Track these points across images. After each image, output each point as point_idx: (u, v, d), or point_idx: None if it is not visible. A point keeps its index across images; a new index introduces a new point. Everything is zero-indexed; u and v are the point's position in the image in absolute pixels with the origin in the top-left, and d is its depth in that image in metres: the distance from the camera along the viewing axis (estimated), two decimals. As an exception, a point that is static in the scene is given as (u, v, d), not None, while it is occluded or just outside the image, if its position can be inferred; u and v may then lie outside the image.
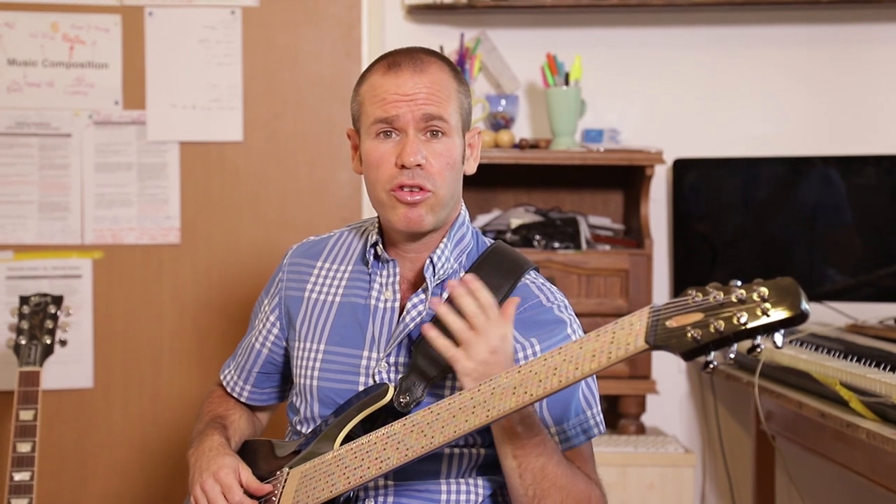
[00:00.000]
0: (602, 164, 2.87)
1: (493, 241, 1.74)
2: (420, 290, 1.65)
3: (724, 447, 3.01)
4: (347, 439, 1.58)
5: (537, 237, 2.85)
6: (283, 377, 1.86)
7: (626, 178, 3.00)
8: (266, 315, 1.81)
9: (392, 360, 1.63)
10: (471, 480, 1.64)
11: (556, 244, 2.85)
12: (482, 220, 2.97)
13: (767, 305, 1.22)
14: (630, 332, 1.31)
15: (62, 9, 2.93)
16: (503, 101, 2.97)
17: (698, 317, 1.25)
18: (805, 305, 1.22)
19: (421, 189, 1.59)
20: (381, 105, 1.60)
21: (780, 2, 2.91)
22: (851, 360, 2.25)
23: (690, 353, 1.26)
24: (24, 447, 2.20)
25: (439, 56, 1.66)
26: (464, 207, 1.72)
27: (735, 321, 1.23)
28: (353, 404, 1.61)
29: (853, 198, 2.91)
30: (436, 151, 1.60)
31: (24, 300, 2.37)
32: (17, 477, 2.17)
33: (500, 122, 2.96)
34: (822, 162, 2.93)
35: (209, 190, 2.98)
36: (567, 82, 2.88)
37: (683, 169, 3.00)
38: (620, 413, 2.88)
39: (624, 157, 2.86)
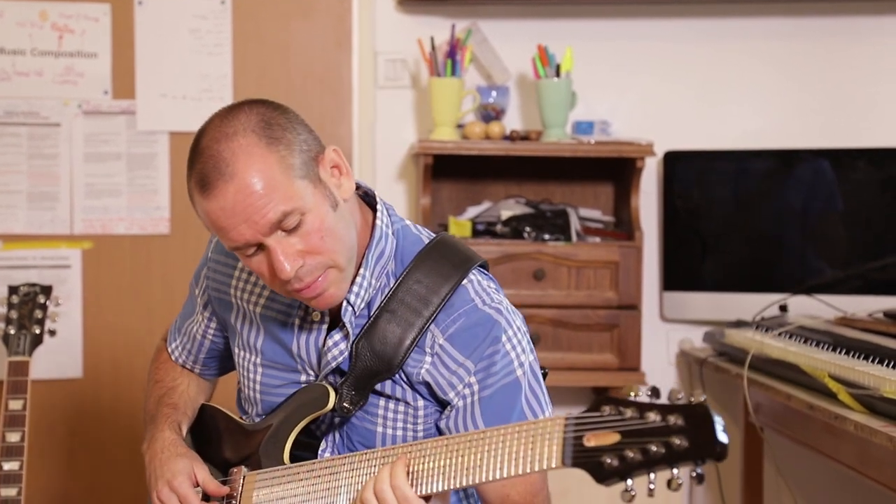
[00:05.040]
0: (593, 156, 2.87)
1: (434, 235, 1.61)
2: (338, 329, 1.54)
3: (712, 439, 3.02)
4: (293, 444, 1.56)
5: (527, 229, 2.85)
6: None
7: (617, 170, 3.00)
8: (199, 307, 1.73)
9: (331, 378, 1.57)
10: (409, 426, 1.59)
11: (547, 236, 2.85)
12: (472, 211, 2.97)
13: (682, 438, 1.14)
14: (549, 443, 1.25)
15: (51, -3, 2.92)
16: (494, 93, 2.97)
17: (615, 438, 1.17)
18: (721, 437, 1.14)
19: (315, 280, 1.45)
20: (223, 235, 1.44)
21: (771, -6, 2.91)
22: (840, 352, 2.26)
23: (606, 480, 1.19)
24: (13, 437, 2.19)
25: (241, 131, 1.43)
26: (381, 210, 1.57)
27: (651, 454, 1.15)
28: (295, 405, 1.57)
29: (843, 191, 2.91)
30: (304, 239, 1.43)
31: (12, 290, 2.36)
32: (7, 466, 2.17)
33: (490, 114, 2.96)
34: (812, 155, 2.94)
35: (199, 180, 2.97)
36: (558, 74, 2.87)
37: (674, 161, 3.00)
38: (610, 405, 2.88)
39: (614, 150, 2.86)
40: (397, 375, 1.54)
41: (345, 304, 1.52)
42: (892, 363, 2.06)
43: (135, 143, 2.96)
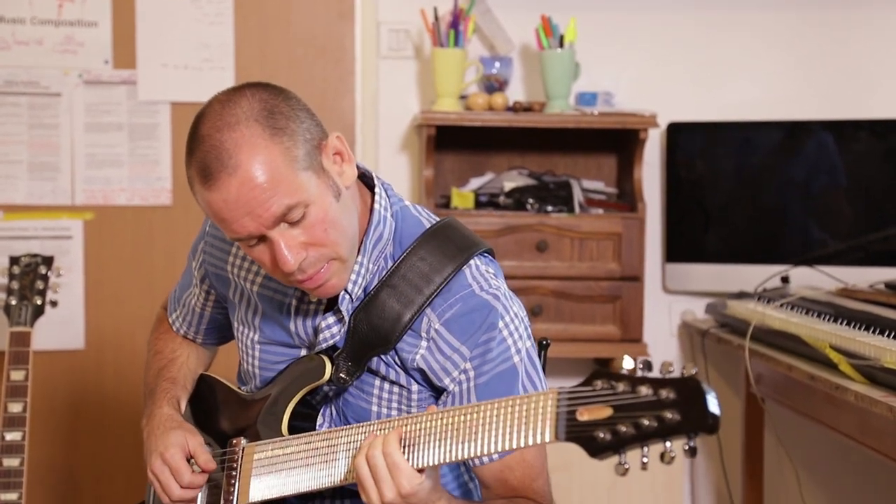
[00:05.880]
0: (596, 127, 2.87)
1: (437, 218, 1.58)
2: (332, 312, 1.53)
3: (714, 410, 3.02)
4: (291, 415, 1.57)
5: (530, 201, 2.85)
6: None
7: (620, 141, 2.99)
8: (196, 281, 1.72)
9: (327, 351, 1.56)
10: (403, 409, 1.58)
11: (550, 208, 2.85)
12: (475, 183, 2.96)
13: (675, 412, 1.14)
14: (542, 418, 1.25)
15: (51, -34, 2.90)
16: (497, 64, 2.95)
17: (607, 412, 1.17)
18: (713, 410, 1.13)
19: (318, 271, 1.44)
20: (225, 226, 1.42)
21: (776, -36, 2.89)
22: (841, 323, 2.26)
23: (599, 454, 1.19)
24: (15, 407, 2.20)
25: (243, 120, 1.39)
26: (379, 192, 1.54)
27: (643, 427, 1.15)
28: (292, 376, 1.57)
29: (846, 162, 2.90)
30: (307, 231, 1.41)
31: (13, 260, 2.36)
32: (9, 437, 2.18)
33: (493, 85, 2.94)
34: (815, 126, 2.93)
35: (201, 151, 2.96)
36: (562, 45, 2.86)
37: (677, 133, 2.99)
38: (611, 376, 2.88)
39: (618, 121, 2.85)
40: (392, 359, 1.53)
41: (343, 293, 1.50)
42: (892, 334, 2.06)
43: (136, 114, 2.95)
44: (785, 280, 2.80)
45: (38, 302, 2.33)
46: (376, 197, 1.54)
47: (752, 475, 2.85)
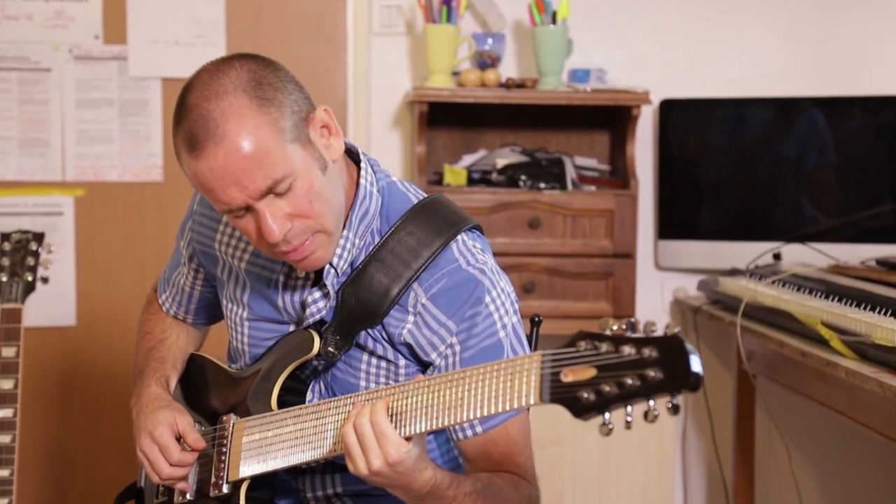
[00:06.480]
0: (589, 104, 2.86)
1: (425, 194, 1.59)
2: (318, 287, 1.53)
3: (705, 386, 3.03)
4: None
5: (523, 177, 2.85)
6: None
7: (613, 118, 2.98)
8: (185, 260, 1.73)
9: (315, 326, 1.57)
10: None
11: (542, 185, 2.84)
12: (468, 159, 2.96)
13: (657, 370, 1.14)
14: (527, 380, 1.25)
15: (40, -59, 2.87)
16: (490, 40, 2.94)
17: (591, 373, 1.18)
18: (695, 367, 1.13)
19: (303, 243, 1.44)
20: (211, 196, 1.42)
21: (770, -60, 2.88)
22: (833, 300, 2.26)
23: (583, 415, 1.19)
24: (6, 384, 2.20)
25: (231, 90, 1.39)
26: (364, 168, 1.54)
27: (627, 386, 1.15)
28: (281, 352, 1.57)
29: (838, 139, 2.90)
30: (293, 202, 1.41)
31: (4, 237, 2.35)
32: (0, 414, 2.17)
33: (486, 61, 2.93)
34: (808, 103, 2.93)
35: (192, 127, 2.95)
36: (554, 21, 2.85)
37: (670, 109, 2.99)
38: (603, 353, 2.89)
39: (610, 98, 2.84)
40: (379, 334, 1.53)
41: (328, 266, 1.50)
42: (883, 310, 2.07)
43: (127, 89, 2.93)
44: (777, 257, 2.80)
45: (29, 278, 2.31)
46: (362, 172, 1.54)
47: (743, 451, 2.87)
